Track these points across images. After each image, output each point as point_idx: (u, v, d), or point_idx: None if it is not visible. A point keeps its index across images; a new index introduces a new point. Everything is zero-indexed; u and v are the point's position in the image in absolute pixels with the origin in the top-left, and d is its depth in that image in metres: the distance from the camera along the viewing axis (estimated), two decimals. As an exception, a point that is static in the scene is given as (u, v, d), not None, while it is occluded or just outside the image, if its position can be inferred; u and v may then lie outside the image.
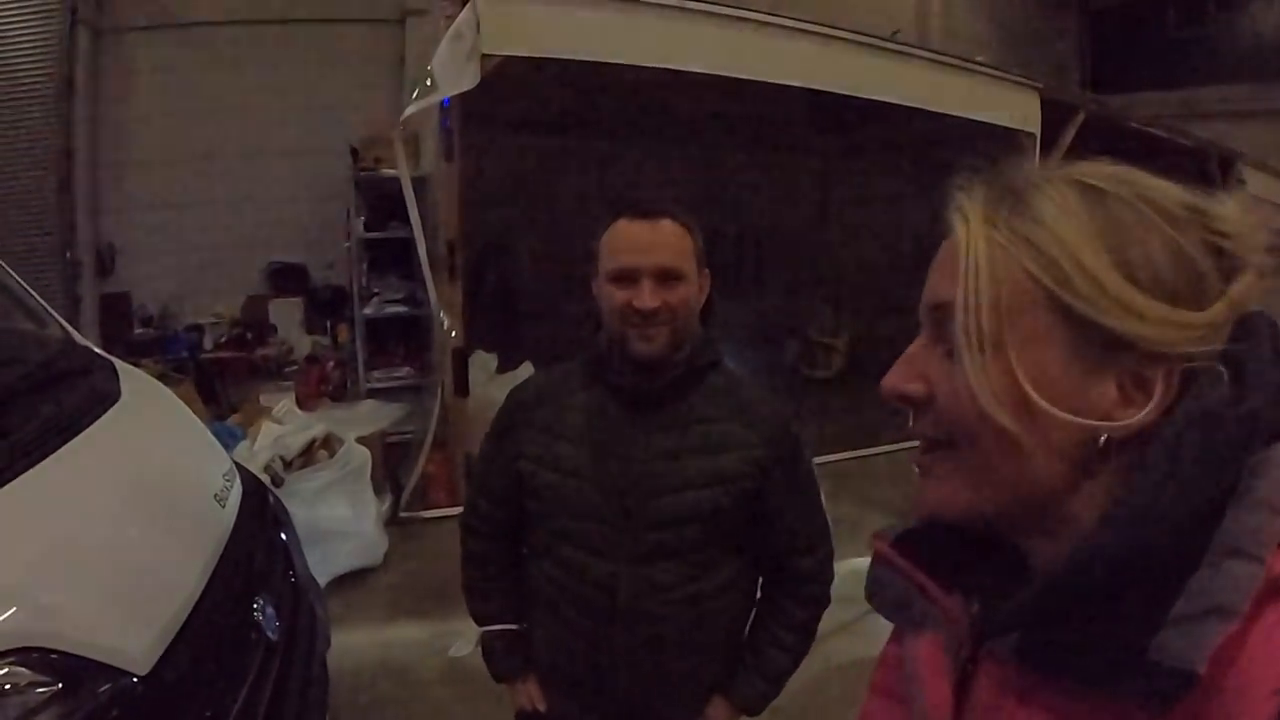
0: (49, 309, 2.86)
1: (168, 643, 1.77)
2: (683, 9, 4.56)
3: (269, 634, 2.17)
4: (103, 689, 1.57)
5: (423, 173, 5.66)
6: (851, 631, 3.92)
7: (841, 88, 5.47)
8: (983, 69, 6.44)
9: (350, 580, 4.23)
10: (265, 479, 3.85)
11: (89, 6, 6.53)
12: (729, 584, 1.63)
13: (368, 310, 6.27)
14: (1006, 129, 6.56)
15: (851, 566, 4.43)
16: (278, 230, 7.25)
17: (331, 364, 6.72)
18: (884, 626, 0.87)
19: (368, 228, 6.12)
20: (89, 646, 1.59)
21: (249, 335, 6.96)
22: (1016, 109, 6.54)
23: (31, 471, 1.88)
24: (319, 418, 4.83)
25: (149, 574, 1.91)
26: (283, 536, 2.76)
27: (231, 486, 2.54)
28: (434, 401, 5.27)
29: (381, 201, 6.00)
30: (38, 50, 6.44)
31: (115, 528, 1.97)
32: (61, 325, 2.83)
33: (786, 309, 8.61)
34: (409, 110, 4.72)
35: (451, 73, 4.32)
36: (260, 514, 2.67)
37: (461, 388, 5.14)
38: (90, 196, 6.84)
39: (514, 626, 1.78)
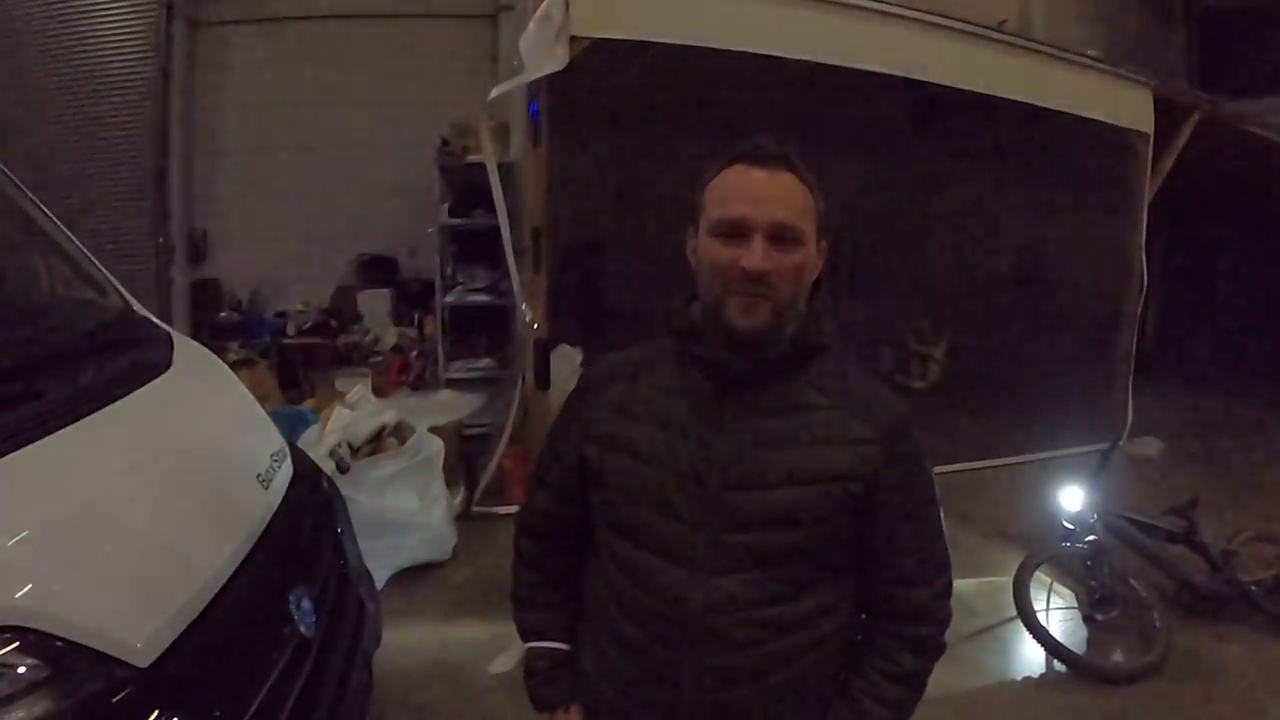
0: (111, 280, 2.76)
1: (179, 632, 1.62)
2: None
3: (304, 629, 2.00)
4: (96, 679, 1.43)
5: (511, 160, 5.53)
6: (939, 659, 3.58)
7: (943, 78, 5.14)
8: (1093, 63, 5.97)
9: (415, 574, 4.10)
10: (330, 464, 3.75)
11: (185, 1, 6.69)
12: (824, 611, 1.33)
13: (450, 298, 6.20)
14: (1116, 131, 6.08)
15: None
16: (368, 222, 7.33)
17: (415, 353, 6.68)
18: (975, 654, 0.63)
19: (452, 214, 6.05)
20: (87, 632, 1.45)
21: (333, 323, 6.99)
22: (1128, 107, 6.07)
23: (53, 437, 1.74)
24: (393, 405, 4.72)
25: (167, 555, 1.76)
26: (336, 526, 2.61)
27: (279, 468, 2.39)
28: (514, 393, 5.12)
29: (469, 190, 5.92)
30: (136, 43, 6.70)
31: (134, 503, 1.82)
32: (122, 296, 2.73)
33: (883, 316, 8.20)
34: (495, 92, 4.61)
35: (539, 55, 4.19)
36: (311, 500, 2.52)
37: (542, 380, 4.99)
38: (184, 185, 7.07)
39: (563, 646, 1.52)
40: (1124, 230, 6.62)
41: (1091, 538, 3.68)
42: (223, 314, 6.98)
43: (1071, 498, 3.81)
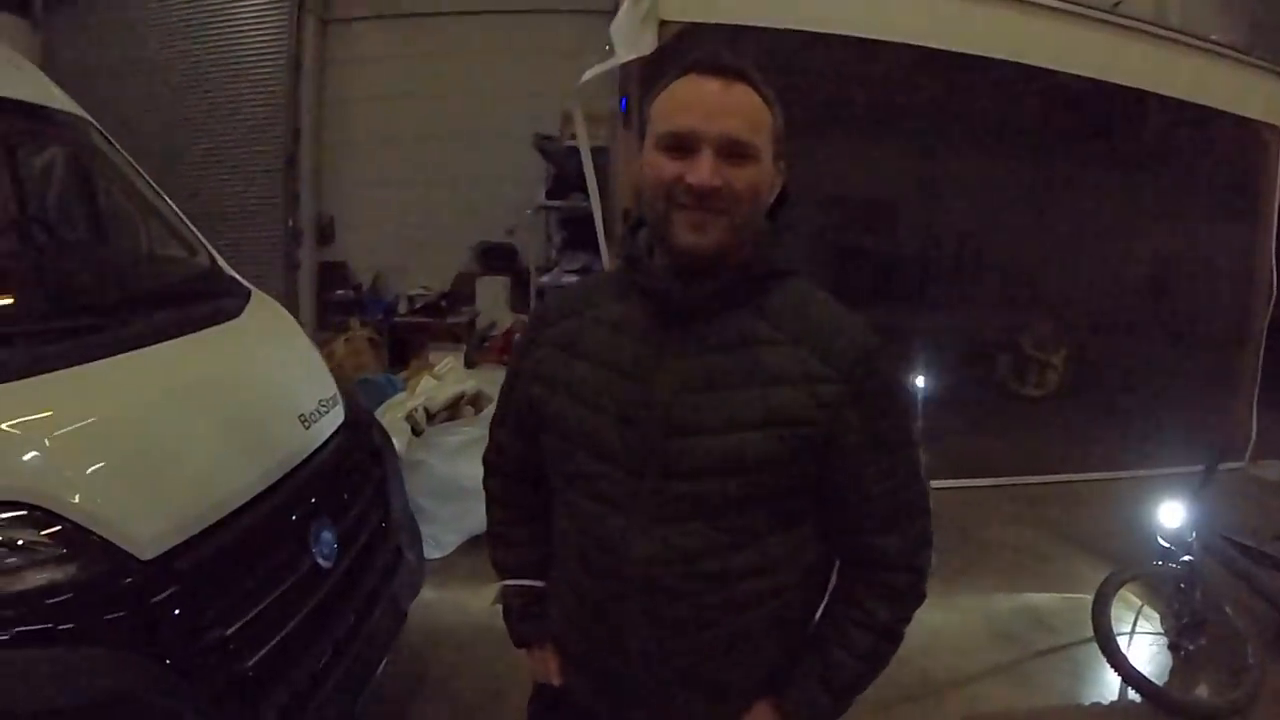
0: (203, 241, 3.03)
1: (187, 536, 1.76)
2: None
3: (319, 559, 2.13)
4: (98, 562, 1.59)
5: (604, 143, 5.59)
6: (1006, 675, 3.39)
7: (1055, 64, 4.80)
8: (1223, 50, 5.45)
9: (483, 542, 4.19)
10: (405, 427, 3.91)
11: None
12: (783, 562, 1.23)
13: (544, 279, 6.34)
14: (1245, 124, 5.53)
15: (1025, 602, 3.86)
16: (488, 210, 7.55)
17: (518, 334, 6.86)
18: (1044, 673, 0.61)
19: (549, 196, 6.20)
20: (93, 519, 1.61)
21: (443, 304, 7.28)
22: (1261, 98, 5.50)
23: (110, 359, 1.97)
24: (477, 376, 4.86)
25: (185, 468, 1.91)
26: (383, 476, 2.73)
27: (325, 413, 2.52)
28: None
29: (569, 174, 6.01)
30: (269, 37, 7.26)
31: (164, 420, 1.99)
32: (211, 255, 2.99)
33: (1002, 321, 7.84)
34: (586, 75, 4.67)
35: (629, 38, 4.23)
36: (357, 448, 2.64)
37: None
38: (313, 171, 7.55)
39: (536, 583, 1.46)
40: (1252, 234, 6.06)
41: (1187, 558, 3.37)
42: (339, 292, 7.42)
43: (1171, 514, 3.49)
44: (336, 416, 2.58)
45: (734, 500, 1.18)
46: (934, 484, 4.20)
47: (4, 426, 1.63)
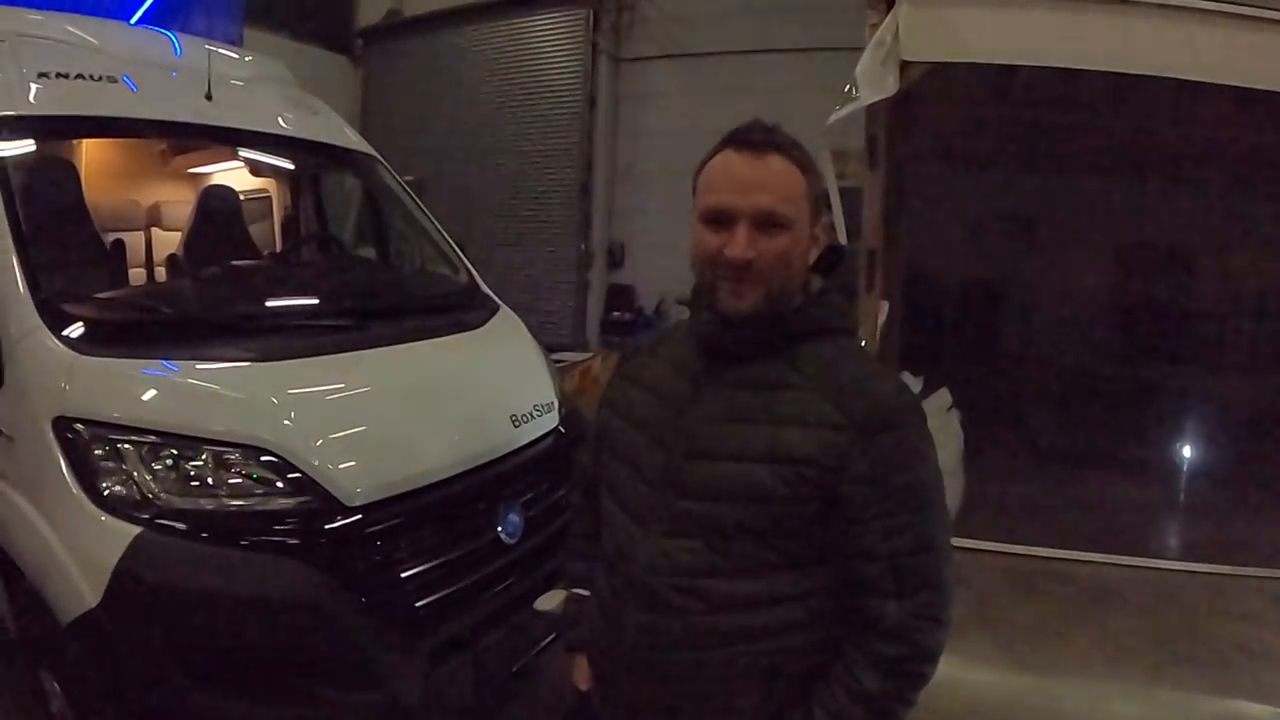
0: (465, 261, 3.60)
1: (387, 495, 2.21)
2: (1129, 2, 3.84)
3: (504, 536, 2.50)
4: (314, 502, 2.10)
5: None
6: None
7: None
8: None
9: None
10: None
11: (609, 40, 7.98)
12: (777, 601, 1.25)
13: (800, 314, 6.48)
14: None
15: (1233, 710, 3.36)
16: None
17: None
18: None
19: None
20: (315, 470, 2.12)
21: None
22: None
23: (354, 353, 2.55)
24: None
25: (396, 442, 2.37)
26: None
27: (538, 417, 2.86)
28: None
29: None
30: (567, 76, 8.16)
31: (389, 404, 2.48)
32: (470, 274, 3.54)
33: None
34: (832, 118, 4.78)
35: (872, 79, 4.28)
36: (561, 453, 2.88)
37: (867, 401, 5.04)
38: (606, 199, 8.27)
39: (586, 593, 1.55)
40: None
41: None
42: (615, 313, 8.09)
43: None
44: (549, 421, 2.89)
45: (737, 526, 1.24)
46: (1176, 566, 3.81)
47: (265, 395, 2.23)
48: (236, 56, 3.70)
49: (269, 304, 2.82)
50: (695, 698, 1.30)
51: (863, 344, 4.80)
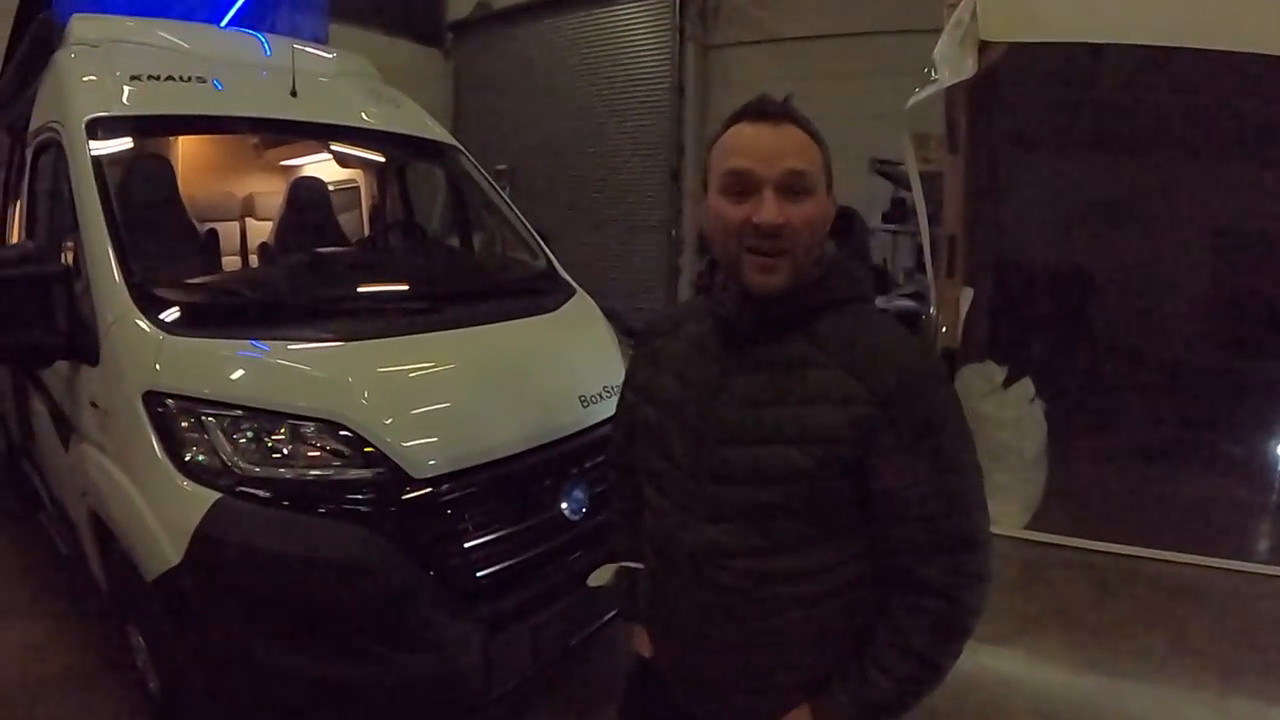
0: (544, 246, 3.69)
1: (454, 469, 2.32)
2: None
3: (567, 511, 2.58)
4: (384, 472, 2.22)
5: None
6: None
7: None
8: None
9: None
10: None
11: (696, 26, 7.98)
12: (820, 570, 1.29)
13: (877, 301, 6.38)
14: None
15: None
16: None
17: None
18: None
19: (886, 220, 6.25)
20: (384, 443, 2.24)
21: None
22: None
23: (432, 334, 2.68)
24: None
25: (465, 420, 2.47)
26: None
27: (607, 398, 2.87)
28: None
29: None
30: (655, 63, 8.22)
31: (461, 382, 2.60)
32: (548, 259, 3.63)
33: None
34: (911, 101, 4.70)
35: (951, 61, 4.18)
36: None
37: (945, 391, 4.94)
38: (696, 187, 8.23)
39: (639, 566, 1.57)
40: None
41: None
42: (693, 298, 8.14)
43: None
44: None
45: (772, 507, 1.27)
46: (1264, 570, 3.59)
47: (342, 373, 2.37)
48: (321, 54, 3.88)
49: (348, 288, 2.95)
50: (751, 665, 1.34)
51: (942, 329, 4.76)
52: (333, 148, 3.85)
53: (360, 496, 2.19)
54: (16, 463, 3.85)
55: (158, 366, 2.27)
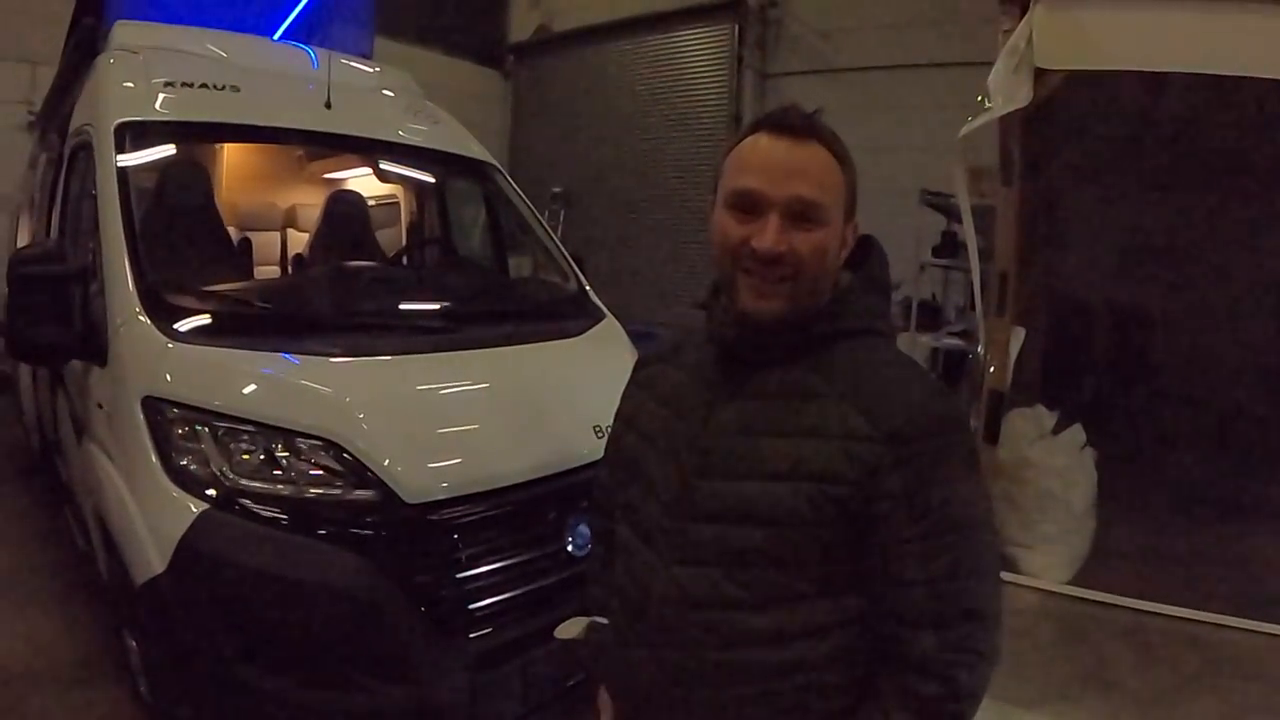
0: (576, 270, 3.61)
1: (449, 495, 2.24)
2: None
3: (570, 547, 2.47)
4: (373, 494, 2.15)
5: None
6: None
7: None
8: None
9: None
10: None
11: (755, 55, 7.94)
12: (806, 633, 1.12)
13: (924, 338, 6.20)
14: None
15: None
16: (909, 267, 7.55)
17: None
18: None
19: (936, 254, 6.07)
20: (375, 463, 2.17)
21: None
22: None
23: (450, 353, 2.62)
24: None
25: (465, 446, 2.40)
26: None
27: None
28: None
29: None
30: (713, 90, 8.20)
31: (464, 407, 2.53)
32: (580, 282, 3.56)
33: None
34: (964, 130, 4.56)
35: (1005, 89, 4.05)
36: None
37: (991, 434, 4.74)
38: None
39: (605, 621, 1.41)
40: None
41: None
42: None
43: None
44: None
45: (750, 552, 1.12)
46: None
47: (341, 390, 2.32)
48: (363, 67, 3.91)
49: (364, 304, 2.91)
50: None
51: (990, 370, 4.58)
52: (367, 162, 3.85)
53: (350, 518, 2.14)
54: (50, 457, 3.92)
55: (159, 372, 2.25)
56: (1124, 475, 4.55)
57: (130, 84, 2.91)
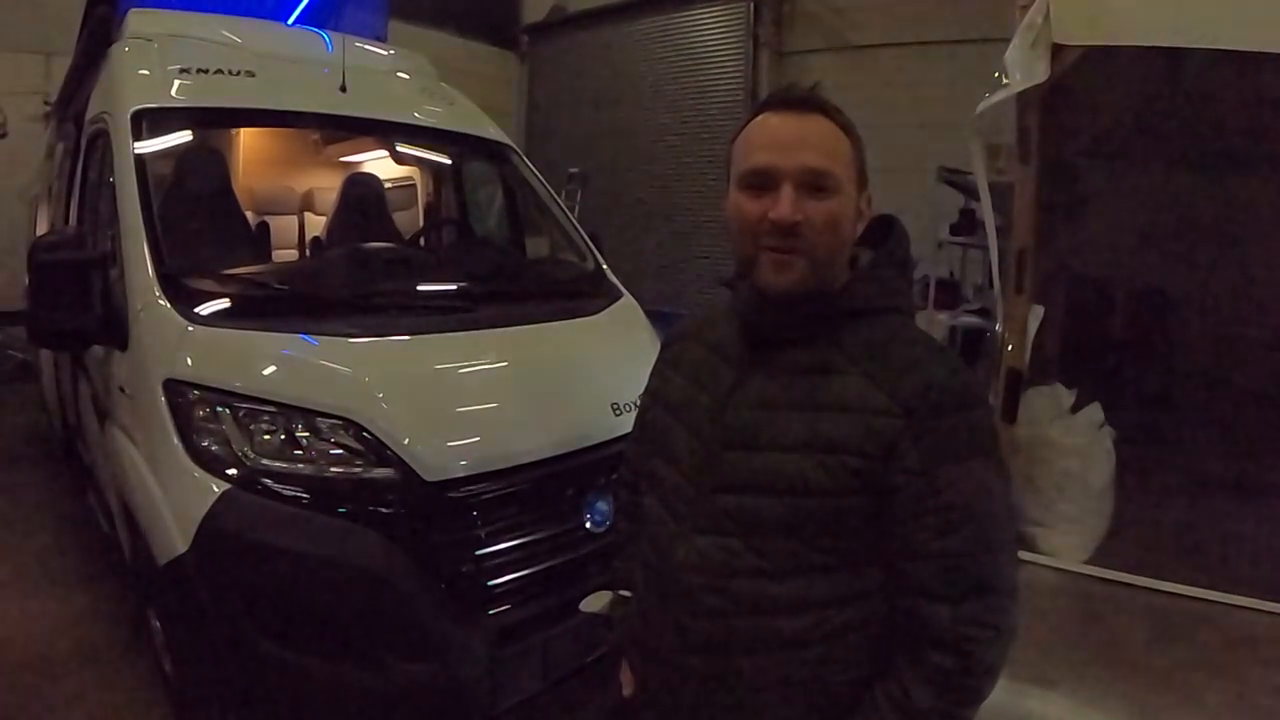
0: (594, 249, 3.61)
1: (468, 473, 2.27)
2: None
3: (588, 523, 2.51)
4: (393, 472, 2.18)
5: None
6: None
7: None
8: None
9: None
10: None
11: (770, 33, 7.87)
12: (826, 603, 1.14)
13: (941, 316, 6.16)
14: None
15: None
16: (927, 245, 7.50)
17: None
18: None
19: (954, 231, 6.03)
20: (395, 441, 2.20)
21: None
22: None
23: (469, 333, 2.64)
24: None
25: (483, 424, 2.42)
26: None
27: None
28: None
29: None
30: (729, 69, 8.13)
31: (483, 385, 2.56)
32: (598, 261, 3.56)
33: None
34: (980, 107, 4.51)
35: (1022, 65, 4.00)
36: None
37: (1009, 413, 4.72)
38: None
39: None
40: None
41: None
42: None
43: None
44: None
45: (770, 522, 1.15)
46: None
47: (360, 369, 2.34)
48: (377, 50, 3.91)
49: (381, 284, 2.92)
50: (732, 708, 1.20)
51: (1008, 348, 4.55)
52: (383, 144, 3.86)
53: (370, 496, 2.16)
54: (73, 443, 3.97)
55: (180, 355, 2.28)
56: (1143, 454, 4.52)
57: (145, 71, 2.92)
